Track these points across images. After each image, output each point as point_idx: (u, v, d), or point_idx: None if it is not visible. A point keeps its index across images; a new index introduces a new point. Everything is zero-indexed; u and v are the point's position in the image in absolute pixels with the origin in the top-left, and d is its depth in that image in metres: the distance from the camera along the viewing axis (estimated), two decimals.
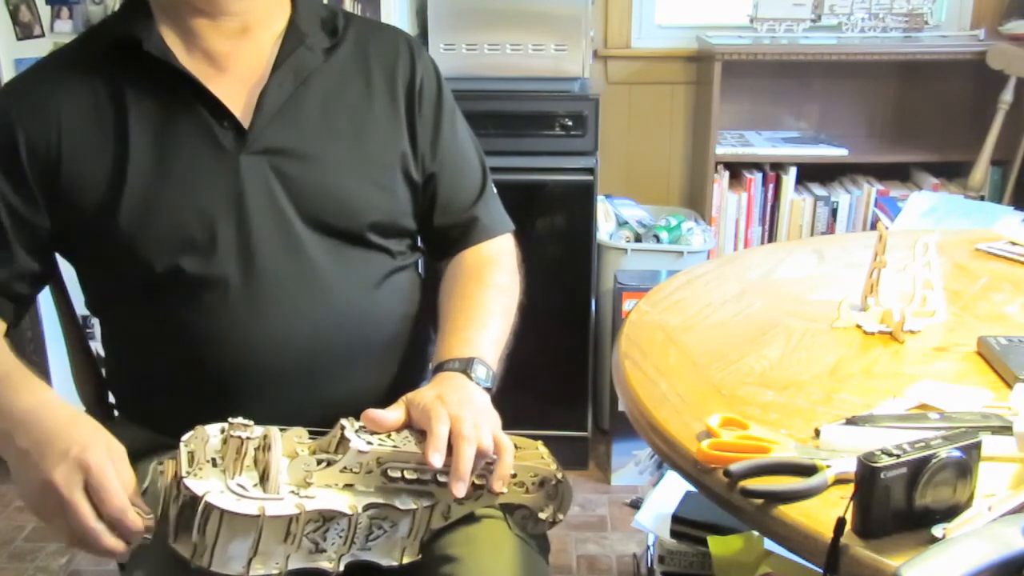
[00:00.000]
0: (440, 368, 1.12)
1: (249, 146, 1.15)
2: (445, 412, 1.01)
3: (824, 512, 0.84)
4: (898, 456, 0.79)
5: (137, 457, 1.19)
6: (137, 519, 0.95)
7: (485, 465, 1.03)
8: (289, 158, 1.16)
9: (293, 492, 0.97)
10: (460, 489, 0.98)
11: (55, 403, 1.03)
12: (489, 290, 1.24)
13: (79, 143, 1.13)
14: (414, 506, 1.02)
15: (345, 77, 1.22)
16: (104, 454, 0.96)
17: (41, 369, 2.25)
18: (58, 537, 0.97)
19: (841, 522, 0.79)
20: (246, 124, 1.15)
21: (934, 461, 0.80)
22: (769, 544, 1.56)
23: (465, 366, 1.11)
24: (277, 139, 1.16)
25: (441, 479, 1.01)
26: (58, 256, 1.24)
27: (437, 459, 0.98)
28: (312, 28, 1.21)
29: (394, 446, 1.02)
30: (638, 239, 2.64)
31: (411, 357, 1.25)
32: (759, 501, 0.87)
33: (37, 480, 0.95)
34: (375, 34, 1.27)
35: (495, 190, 1.34)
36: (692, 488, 1.01)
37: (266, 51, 1.19)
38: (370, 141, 1.21)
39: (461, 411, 1.02)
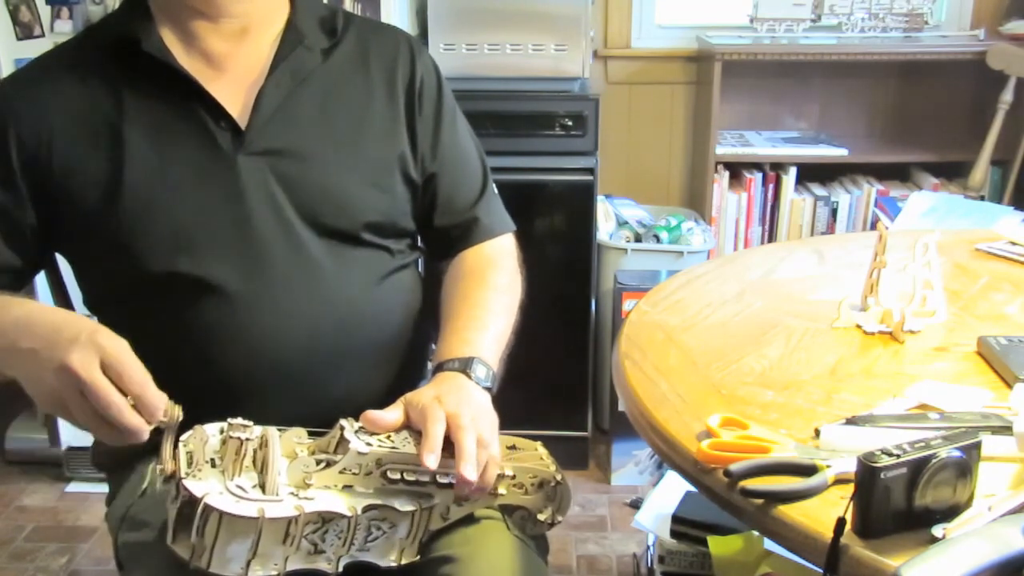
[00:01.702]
0: (440, 368, 1.12)
1: (247, 147, 1.14)
2: (441, 412, 1.01)
3: (824, 512, 0.84)
4: (898, 456, 0.79)
5: (137, 458, 1.19)
6: (158, 394, 0.95)
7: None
8: (287, 158, 1.16)
9: (292, 493, 0.97)
10: (471, 472, 0.97)
11: (48, 307, 1.01)
12: (490, 290, 1.23)
13: (74, 142, 1.13)
14: (413, 507, 1.02)
15: (344, 77, 1.22)
16: (114, 336, 0.95)
17: None
18: (78, 423, 0.95)
19: (841, 522, 0.79)
20: (243, 125, 1.15)
21: (934, 461, 0.80)
22: (769, 544, 1.56)
23: (464, 366, 1.11)
24: (275, 139, 1.16)
25: (441, 480, 1.01)
26: (57, 254, 1.24)
27: (431, 460, 0.97)
28: (311, 28, 1.21)
29: (393, 447, 1.02)
30: (638, 239, 2.64)
31: (411, 356, 1.25)
32: (759, 501, 0.87)
33: (51, 368, 0.93)
34: (375, 34, 1.27)
35: (496, 190, 1.34)
36: (692, 488, 1.00)
37: (264, 52, 1.19)
38: (369, 141, 1.21)
39: (459, 409, 1.02)
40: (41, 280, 1.29)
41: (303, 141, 1.17)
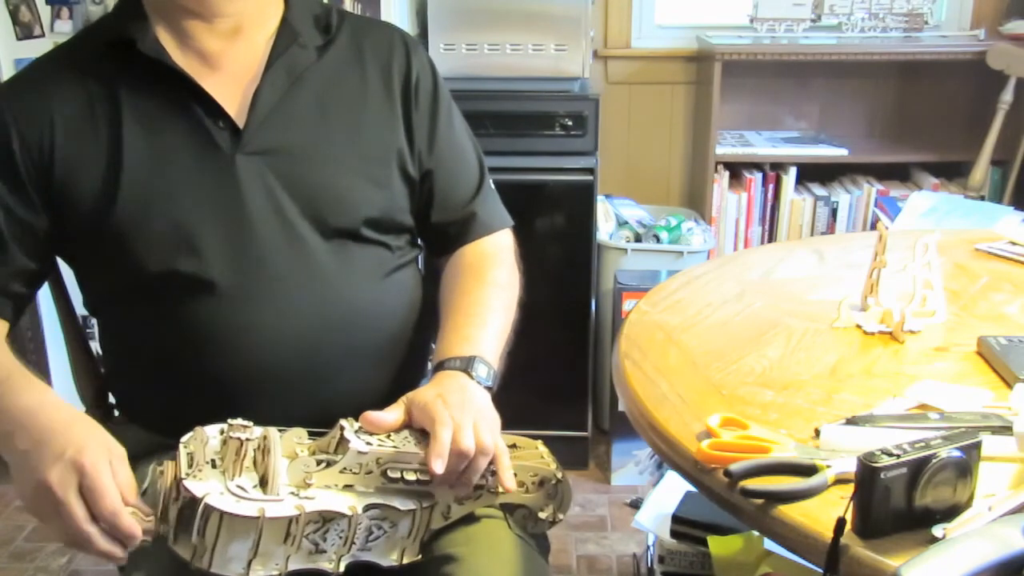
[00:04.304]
0: (441, 367, 1.12)
1: (244, 146, 1.14)
2: (448, 414, 1.01)
3: (824, 512, 0.84)
4: (898, 456, 0.79)
5: (137, 458, 1.19)
6: (131, 522, 0.95)
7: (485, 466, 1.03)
8: (285, 157, 1.16)
9: (293, 493, 0.97)
10: (463, 490, 1.01)
11: (55, 403, 1.03)
12: (489, 287, 1.24)
13: (74, 144, 1.13)
14: (414, 506, 1.02)
15: (340, 74, 1.22)
16: (100, 456, 0.96)
17: (41, 369, 2.25)
18: (56, 538, 0.97)
19: (841, 522, 0.79)
20: (241, 124, 1.15)
21: (934, 461, 0.80)
22: (769, 544, 1.56)
23: (466, 365, 1.11)
24: (272, 138, 1.16)
25: None
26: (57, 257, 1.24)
27: (439, 465, 0.99)
28: (305, 26, 1.21)
29: (394, 447, 1.02)
30: (638, 239, 2.64)
31: (411, 354, 1.25)
32: (759, 501, 0.87)
33: (33, 481, 0.96)
34: (370, 31, 1.27)
35: (493, 186, 1.34)
36: (692, 488, 1.00)
37: (259, 50, 1.19)
38: (366, 137, 1.21)
39: (462, 415, 1.02)
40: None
41: (301, 139, 1.17)
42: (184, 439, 1.01)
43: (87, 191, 1.13)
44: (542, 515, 1.12)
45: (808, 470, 0.89)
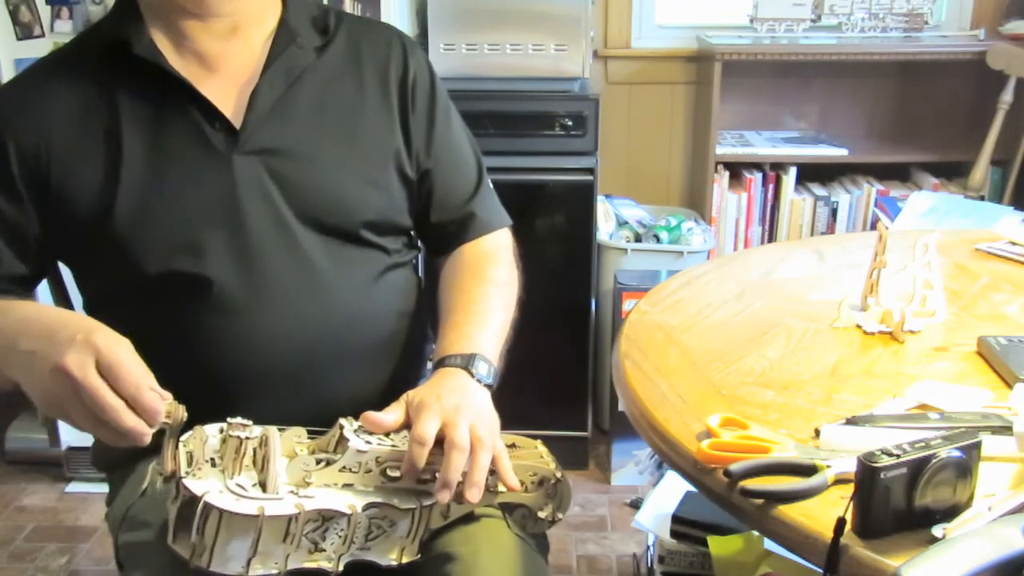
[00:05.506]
0: (441, 364, 1.12)
1: (241, 147, 1.14)
2: (434, 422, 1.00)
3: (824, 512, 0.84)
4: (898, 456, 0.79)
5: (137, 458, 1.19)
6: (153, 396, 0.93)
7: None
8: (282, 158, 1.16)
9: (292, 492, 0.97)
10: (444, 496, 1.00)
11: (50, 307, 1.02)
12: (488, 285, 1.24)
13: (71, 147, 1.13)
14: (413, 505, 1.02)
15: (337, 75, 1.22)
16: (112, 336, 0.94)
17: None
18: (79, 424, 0.94)
19: (841, 522, 0.79)
20: (238, 125, 1.15)
21: (934, 461, 0.80)
22: (769, 544, 1.56)
23: (466, 363, 1.11)
24: (269, 139, 1.16)
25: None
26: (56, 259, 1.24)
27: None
28: (303, 27, 1.21)
29: (393, 445, 1.02)
30: (638, 239, 2.64)
31: (409, 355, 1.25)
32: (759, 501, 0.87)
33: (47, 370, 0.92)
34: (367, 32, 1.27)
35: (491, 185, 1.34)
36: (692, 488, 1.00)
37: (257, 51, 1.19)
38: (363, 139, 1.21)
39: (457, 416, 1.02)
40: (42, 284, 1.29)
41: (298, 140, 1.17)
42: (183, 438, 1.01)
43: (86, 195, 1.12)
44: (541, 515, 1.12)
45: (808, 470, 0.88)
